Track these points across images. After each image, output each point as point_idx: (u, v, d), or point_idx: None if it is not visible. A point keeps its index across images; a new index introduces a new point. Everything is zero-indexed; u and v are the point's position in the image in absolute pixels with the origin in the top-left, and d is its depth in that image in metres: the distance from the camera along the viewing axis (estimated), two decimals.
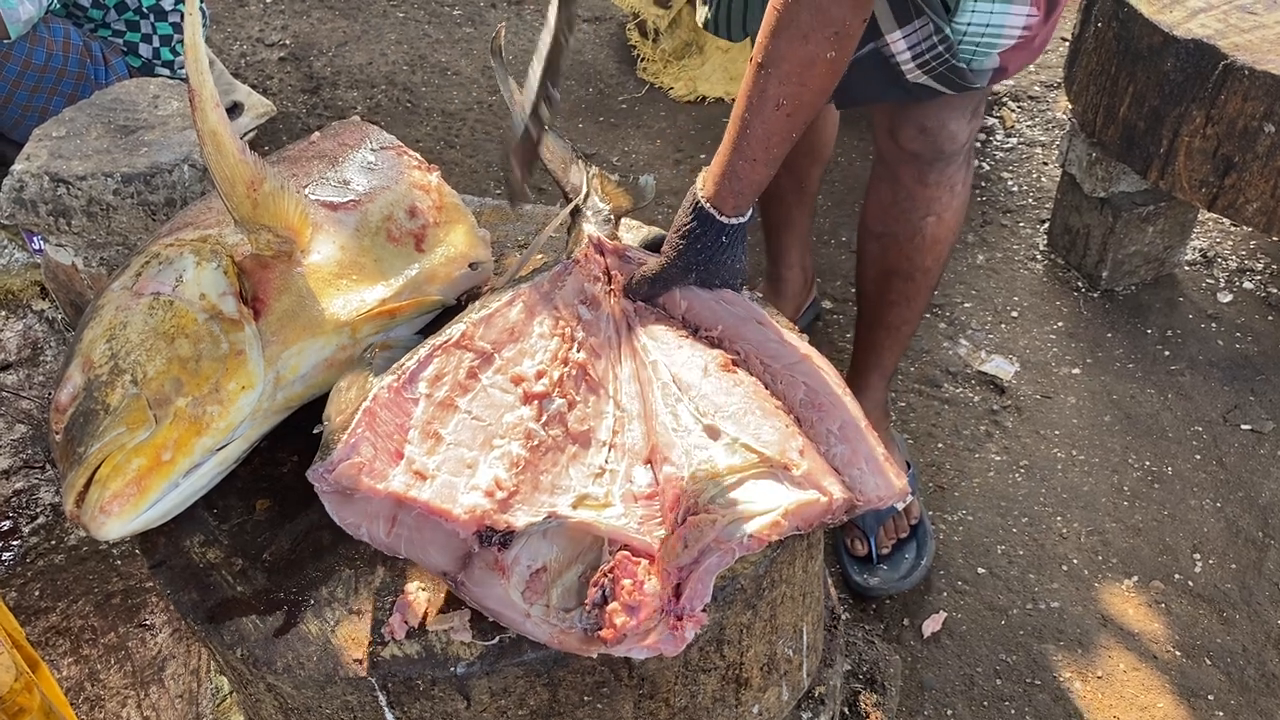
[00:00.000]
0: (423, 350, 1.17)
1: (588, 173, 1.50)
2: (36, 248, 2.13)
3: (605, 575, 1.06)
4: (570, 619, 1.06)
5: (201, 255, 1.21)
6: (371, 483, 1.08)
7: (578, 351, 1.21)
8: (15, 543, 1.94)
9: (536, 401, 1.16)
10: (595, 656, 1.07)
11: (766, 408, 1.19)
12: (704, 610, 1.05)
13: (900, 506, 1.86)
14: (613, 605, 1.04)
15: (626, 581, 1.06)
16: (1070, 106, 2.35)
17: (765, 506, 1.08)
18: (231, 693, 1.68)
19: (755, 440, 1.14)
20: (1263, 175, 1.95)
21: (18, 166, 1.92)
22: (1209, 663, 1.77)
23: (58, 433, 1.20)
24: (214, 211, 1.28)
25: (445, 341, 1.18)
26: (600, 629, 1.04)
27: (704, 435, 1.15)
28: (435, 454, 1.11)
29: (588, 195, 1.43)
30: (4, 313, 2.43)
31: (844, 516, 1.16)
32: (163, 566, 1.24)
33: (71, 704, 1.66)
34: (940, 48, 1.43)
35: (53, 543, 1.93)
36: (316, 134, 1.39)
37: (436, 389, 1.15)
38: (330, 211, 1.29)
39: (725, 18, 1.70)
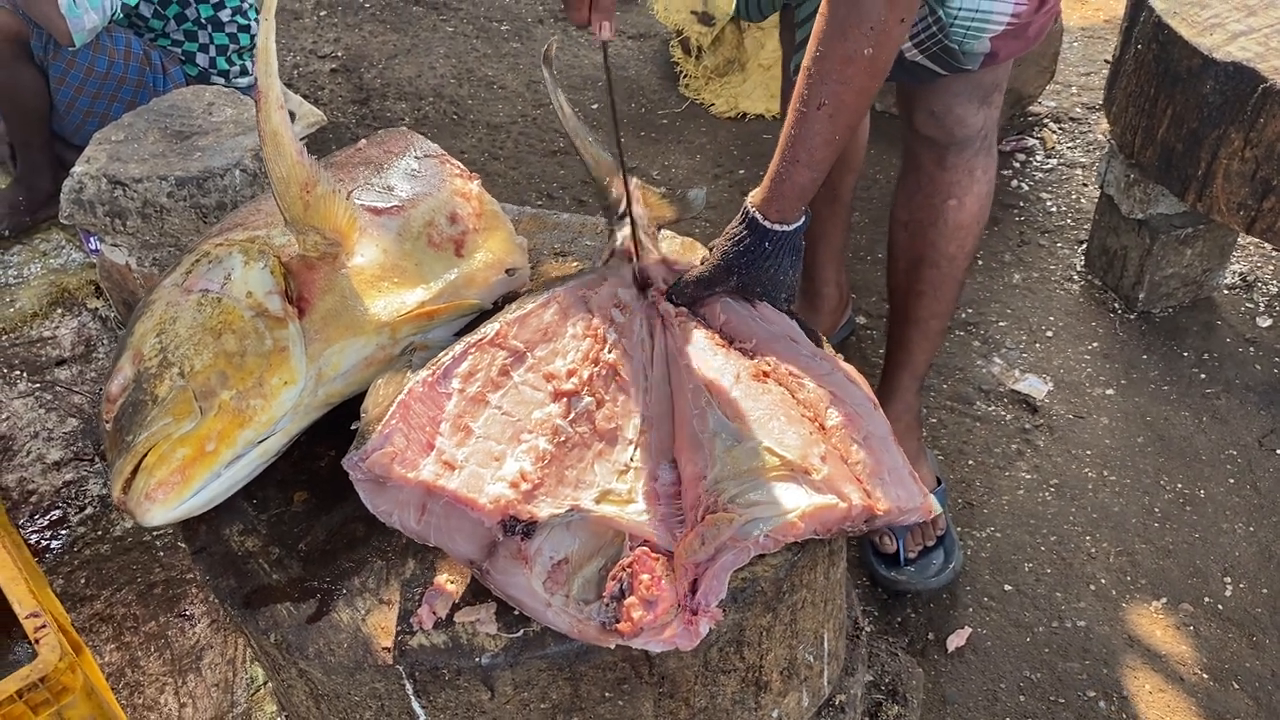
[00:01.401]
0: (458, 347, 1.20)
1: (630, 184, 1.54)
2: (93, 248, 2.21)
3: (624, 569, 1.09)
4: (589, 610, 1.09)
5: (249, 255, 1.26)
6: (403, 471, 1.11)
7: (609, 352, 1.24)
8: (64, 532, 2.00)
9: (565, 399, 1.19)
10: (614, 648, 1.10)
11: (792, 415, 1.22)
12: (719, 606, 1.08)
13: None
14: (630, 599, 1.07)
15: (645, 576, 1.08)
16: (1109, 127, 2.35)
17: (783, 508, 1.10)
18: (265, 683, 1.72)
19: (778, 444, 1.17)
20: None
21: (78, 169, 2.00)
22: (1237, 687, 1.76)
23: (108, 422, 1.25)
24: (263, 214, 1.33)
25: (480, 339, 1.21)
26: (618, 621, 1.07)
27: (729, 437, 1.18)
28: (465, 446, 1.15)
29: (629, 204, 1.47)
30: (60, 310, 2.52)
31: (864, 526, 1.17)
32: (203, 553, 1.28)
33: (112, 688, 1.72)
34: (934, 28, 1.50)
35: (99, 533, 2.00)
36: (364, 141, 1.44)
37: (469, 384, 1.19)
38: (374, 216, 1.33)
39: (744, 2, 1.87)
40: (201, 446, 1.20)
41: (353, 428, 1.31)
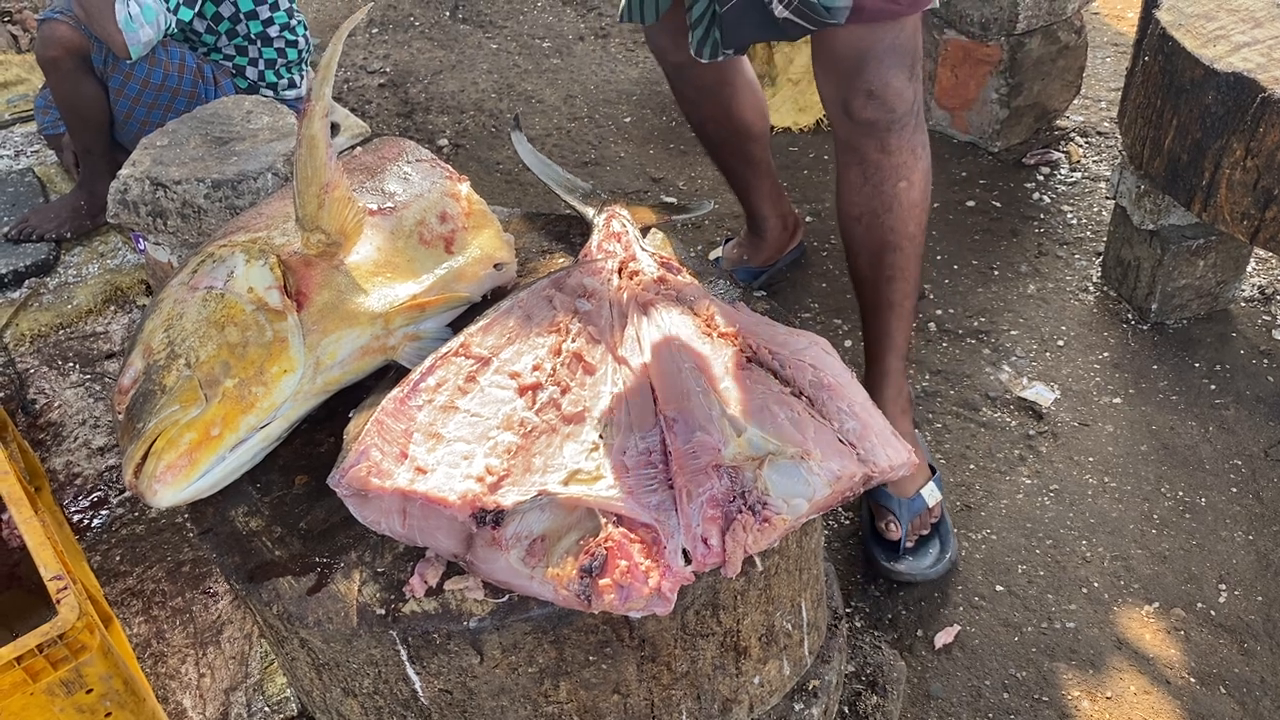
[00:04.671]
0: (426, 363, 1.29)
1: (603, 199, 1.64)
2: (140, 247, 2.35)
3: (599, 545, 1.16)
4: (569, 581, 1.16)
5: (250, 254, 1.36)
6: (379, 482, 1.20)
7: (572, 341, 1.32)
8: (104, 512, 2.14)
9: (530, 392, 1.27)
10: (597, 613, 1.17)
11: (779, 400, 1.27)
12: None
13: (929, 504, 1.96)
14: (604, 581, 1.14)
15: (622, 563, 1.15)
16: (1121, 139, 2.38)
17: (794, 505, 1.18)
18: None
19: (772, 434, 1.23)
20: None
21: (124, 171, 2.14)
22: (1224, 691, 1.77)
23: (120, 412, 1.35)
24: (263, 217, 1.44)
25: (446, 352, 1.30)
26: (590, 599, 1.14)
27: (729, 426, 1.25)
28: (435, 451, 1.23)
29: (604, 203, 1.55)
30: (113, 307, 2.67)
31: (862, 488, 1.24)
32: (210, 533, 1.37)
33: (138, 658, 1.83)
34: None
35: (136, 514, 2.13)
36: (359, 149, 1.54)
37: (438, 395, 1.27)
38: (369, 216, 1.43)
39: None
40: (207, 431, 1.28)
41: (350, 415, 1.41)
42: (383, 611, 1.22)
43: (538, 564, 1.17)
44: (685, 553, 1.16)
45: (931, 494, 1.96)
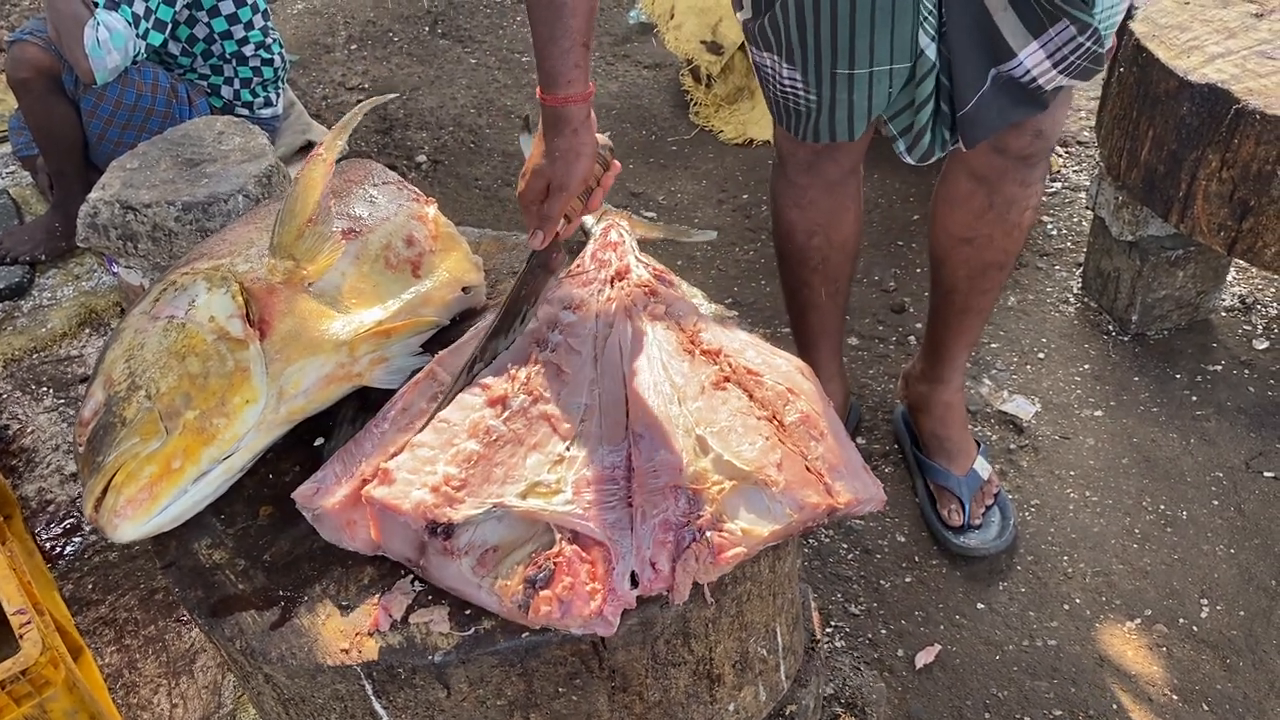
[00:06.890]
0: (399, 393, 1.29)
1: (604, 209, 1.62)
2: (114, 270, 2.33)
3: (548, 559, 1.13)
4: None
5: (212, 282, 1.34)
6: (340, 489, 1.19)
7: (550, 351, 1.30)
8: (77, 539, 2.11)
9: (500, 401, 1.26)
10: (561, 643, 1.15)
11: (749, 424, 1.25)
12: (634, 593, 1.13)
13: (985, 477, 2.02)
14: (545, 593, 1.12)
15: (566, 579, 1.13)
16: (1099, 150, 2.37)
17: (751, 531, 1.16)
18: None
19: (737, 458, 1.21)
20: (1279, 219, 1.95)
21: (93, 194, 2.12)
22: (1206, 708, 1.75)
23: (81, 445, 1.33)
24: (226, 244, 1.42)
25: (416, 379, 1.30)
26: (528, 609, 1.12)
27: (695, 445, 1.23)
28: (400, 456, 1.22)
29: (604, 213, 1.55)
30: (88, 330, 2.65)
31: (826, 520, 1.21)
32: (173, 567, 1.35)
33: (109, 689, 1.81)
34: (1087, 43, 1.44)
35: (108, 541, 2.10)
36: None
37: (404, 417, 1.26)
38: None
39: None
40: (168, 464, 1.26)
41: (316, 444, 1.40)
42: (346, 646, 1.20)
43: (487, 574, 1.16)
44: (635, 575, 1.15)
45: (983, 467, 2.02)
